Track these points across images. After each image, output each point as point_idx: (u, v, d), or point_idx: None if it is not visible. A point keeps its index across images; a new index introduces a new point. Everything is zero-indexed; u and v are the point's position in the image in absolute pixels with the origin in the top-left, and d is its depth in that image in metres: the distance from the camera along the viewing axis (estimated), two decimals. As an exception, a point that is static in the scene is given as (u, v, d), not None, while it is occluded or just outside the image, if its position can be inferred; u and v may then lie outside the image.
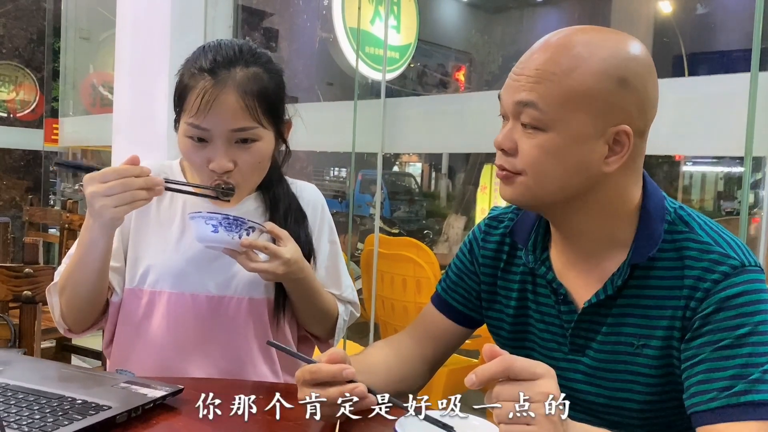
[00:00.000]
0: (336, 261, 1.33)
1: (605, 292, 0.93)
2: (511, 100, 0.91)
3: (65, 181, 5.91)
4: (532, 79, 0.88)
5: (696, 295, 0.87)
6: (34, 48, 5.92)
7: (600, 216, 0.93)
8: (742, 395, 0.81)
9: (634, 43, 0.89)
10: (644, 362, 0.91)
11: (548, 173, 0.89)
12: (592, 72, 0.86)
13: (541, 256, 1.00)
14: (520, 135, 0.91)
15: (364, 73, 4.02)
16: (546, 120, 0.87)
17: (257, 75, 1.15)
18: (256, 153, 1.16)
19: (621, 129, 0.87)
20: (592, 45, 0.87)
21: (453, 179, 10.36)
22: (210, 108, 1.11)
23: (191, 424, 0.95)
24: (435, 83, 8.99)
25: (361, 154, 2.68)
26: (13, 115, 5.94)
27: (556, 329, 0.99)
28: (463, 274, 1.12)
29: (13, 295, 1.43)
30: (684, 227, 0.92)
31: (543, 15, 9.58)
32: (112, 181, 1.03)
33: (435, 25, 9.42)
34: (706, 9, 7.94)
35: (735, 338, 0.83)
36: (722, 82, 1.55)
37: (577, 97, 0.86)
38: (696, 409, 0.84)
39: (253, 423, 0.94)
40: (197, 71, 1.14)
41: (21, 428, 0.83)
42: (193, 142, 1.14)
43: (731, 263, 0.86)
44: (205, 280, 1.20)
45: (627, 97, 0.87)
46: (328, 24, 4.78)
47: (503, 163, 0.93)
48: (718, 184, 10.12)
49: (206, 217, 1.10)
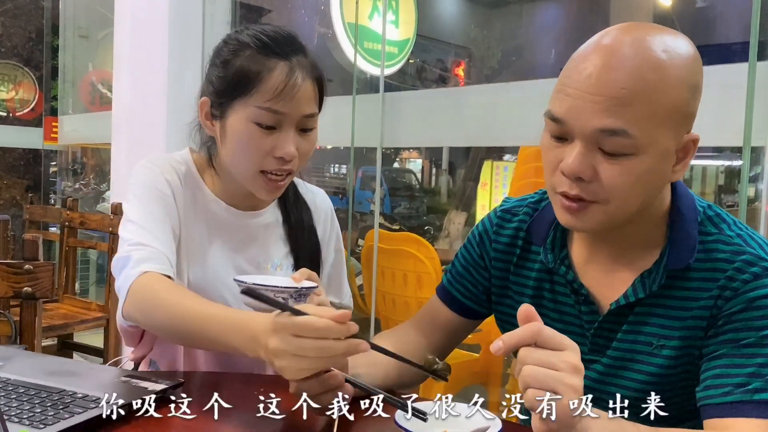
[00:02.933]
0: (340, 270, 1.35)
1: (635, 294, 0.90)
2: (588, 126, 0.79)
3: (65, 180, 5.91)
4: (618, 101, 0.78)
5: (724, 294, 0.85)
6: (33, 46, 5.92)
7: (638, 221, 0.89)
8: (756, 393, 0.80)
9: (688, 41, 0.84)
10: (660, 362, 0.90)
11: (633, 198, 0.83)
12: (676, 83, 0.80)
13: (560, 255, 0.97)
14: (600, 160, 0.81)
15: (363, 68, 4.01)
16: (637, 145, 0.79)
17: (316, 62, 1.16)
18: (313, 141, 1.16)
19: (690, 138, 0.84)
20: (666, 51, 0.79)
21: (453, 175, 10.35)
22: (295, 92, 1.09)
23: (192, 417, 0.95)
24: (434, 79, 8.98)
25: (361, 150, 2.68)
26: (12, 114, 5.94)
27: (575, 329, 0.96)
28: (470, 267, 1.10)
29: (14, 292, 1.43)
30: (713, 228, 0.90)
31: (542, 10, 9.56)
32: (307, 339, 0.80)
33: (434, 20, 9.40)
34: (706, 2, 7.92)
35: (759, 338, 0.82)
36: (720, 73, 1.55)
37: (665, 114, 0.79)
38: (708, 402, 0.83)
39: (254, 417, 0.94)
40: (264, 55, 1.10)
41: (22, 422, 0.83)
42: (261, 128, 1.10)
43: (763, 265, 0.85)
44: (223, 293, 1.19)
45: (696, 104, 0.84)
46: (326, 19, 4.77)
47: (581, 192, 0.82)
48: (718, 178, 10.10)
49: (276, 291, 0.98)
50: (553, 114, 0.83)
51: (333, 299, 1.32)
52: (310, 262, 1.26)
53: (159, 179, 1.17)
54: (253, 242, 1.24)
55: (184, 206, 1.20)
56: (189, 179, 1.22)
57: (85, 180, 5.84)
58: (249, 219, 1.24)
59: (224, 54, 1.15)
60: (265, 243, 1.25)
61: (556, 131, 0.84)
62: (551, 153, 0.85)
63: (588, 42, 0.84)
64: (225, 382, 1.08)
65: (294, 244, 1.26)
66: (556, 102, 0.83)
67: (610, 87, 0.78)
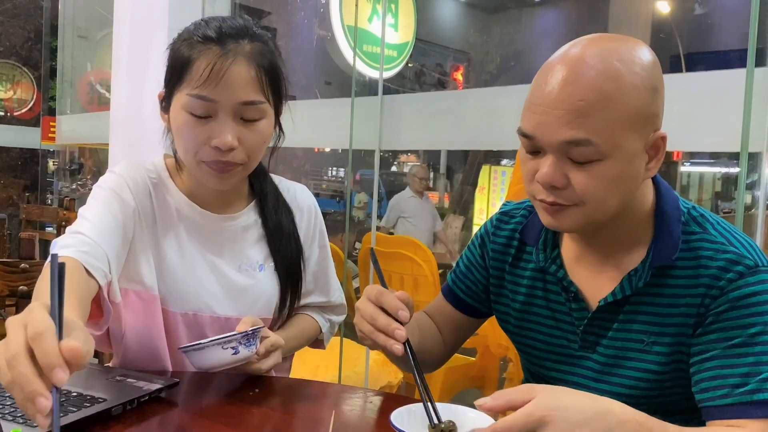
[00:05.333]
0: (325, 265, 1.32)
1: (623, 292, 0.93)
2: (554, 139, 0.84)
3: (62, 180, 5.91)
4: (577, 113, 0.82)
5: (711, 293, 0.88)
6: (32, 46, 5.92)
7: (621, 219, 0.93)
8: (755, 393, 0.83)
9: (645, 47, 0.88)
10: (652, 359, 0.92)
11: (608, 200, 0.87)
12: (635, 89, 0.83)
13: (552, 254, 1.01)
14: (570, 168, 0.86)
15: (362, 71, 4.02)
16: (602, 151, 0.83)
17: (265, 49, 1.10)
18: (261, 132, 1.10)
19: (658, 135, 0.88)
20: (623, 60, 0.84)
21: (451, 179, 10.36)
22: (222, 77, 1.04)
23: (187, 417, 0.95)
24: (433, 83, 8.99)
25: (359, 153, 2.68)
26: (10, 114, 5.94)
27: (566, 326, 1.00)
28: (472, 266, 1.14)
29: (9, 290, 1.43)
30: (697, 228, 0.93)
31: (541, 15, 9.58)
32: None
33: (433, 24, 9.42)
34: (704, 9, 7.95)
35: (747, 336, 0.85)
36: (718, 78, 1.55)
37: (626, 119, 0.83)
38: (708, 404, 0.86)
39: (250, 416, 0.94)
40: (201, 41, 1.06)
41: (16, 420, 0.83)
42: (194, 117, 1.06)
43: (746, 263, 0.87)
44: (210, 301, 1.17)
45: (658, 103, 0.87)
46: (326, 22, 4.78)
47: (557, 199, 0.88)
48: (715, 185, 10.14)
49: (223, 342, 1.01)
50: (524, 131, 0.89)
51: (320, 298, 1.32)
52: (291, 265, 1.24)
53: (123, 188, 1.14)
54: (231, 245, 1.20)
55: (157, 215, 1.16)
56: (161, 187, 1.18)
57: (82, 180, 5.83)
58: (225, 222, 1.20)
59: (171, 44, 1.12)
60: (245, 246, 1.21)
61: (528, 147, 0.90)
62: (528, 165, 0.91)
63: (549, 59, 0.89)
64: (219, 382, 1.08)
65: (273, 249, 1.23)
66: (525, 119, 0.88)
67: (569, 100, 0.83)
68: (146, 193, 1.16)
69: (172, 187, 1.19)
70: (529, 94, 0.89)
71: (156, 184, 1.18)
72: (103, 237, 1.05)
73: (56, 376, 0.65)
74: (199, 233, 1.19)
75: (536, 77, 0.88)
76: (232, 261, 1.20)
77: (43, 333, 0.66)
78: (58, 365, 0.65)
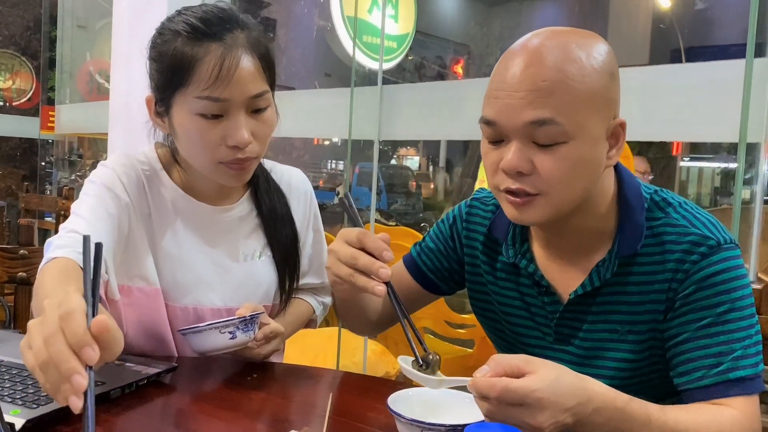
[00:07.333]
0: (319, 248, 1.32)
1: (592, 284, 0.94)
2: (519, 121, 0.84)
3: (61, 170, 5.90)
4: (541, 93, 0.83)
5: (677, 277, 0.88)
6: (31, 36, 5.90)
7: (585, 210, 0.93)
8: (729, 372, 0.84)
9: (602, 40, 0.90)
10: (629, 348, 0.93)
11: (573, 185, 0.87)
12: (594, 71, 0.84)
13: (522, 249, 1.01)
14: (535, 153, 0.85)
15: (362, 62, 4.01)
16: (566, 131, 0.83)
17: (259, 36, 1.07)
18: (269, 121, 1.08)
19: (618, 122, 0.89)
20: (581, 45, 0.85)
21: (450, 172, 10.36)
22: (232, 76, 1.01)
23: (186, 401, 0.95)
24: (433, 75, 8.98)
25: (358, 143, 2.67)
26: (9, 104, 5.93)
27: (540, 320, 1.00)
28: (440, 243, 1.13)
29: (8, 277, 1.43)
30: (660, 213, 0.93)
31: (542, 8, 9.56)
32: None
33: (433, 16, 9.40)
34: (705, 4, 7.94)
35: (716, 316, 0.86)
36: (717, 69, 1.55)
37: (588, 100, 0.84)
38: (687, 387, 0.87)
39: (247, 400, 0.95)
40: (194, 38, 1.02)
41: (15, 402, 0.84)
42: (205, 119, 1.03)
43: (709, 243, 0.88)
44: (210, 293, 1.17)
45: (616, 90, 0.89)
46: (326, 12, 4.77)
47: (523, 185, 0.86)
48: (714, 180, 10.15)
49: (221, 326, 1.02)
50: (486, 118, 0.88)
51: (314, 280, 1.32)
52: (288, 251, 1.24)
53: (116, 183, 1.11)
54: (228, 235, 1.19)
55: (152, 209, 1.15)
56: (154, 180, 1.16)
57: (81, 171, 5.83)
58: (222, 213, 1.19)
59: (158, 46, 1.07)
60: (242, 235, 1.21)
61: (491, 135, 0.89)
62: (491, 156, 0.90)
63: (509, 49, 0.90)
64: (217, 367, 1.09)
65: (270, 236, 1.22)
66: (487, 107, 0.88)
67: (532, 81, 0.83)
68: (140, 187, 1.15)
69: (167, 179, 1.17)
70: (490, 83, 0.89)
71: (149, 177, 1.16)
72: (99, 235, 1.03)
73: (86, 354, 0.64)
74: (196, 226, 1.18)
75: (496, 66, 0.89)
76: (231, 252, 1.19)
77: (72, 312, 0.66)
78: (86, 344, 0.64)
